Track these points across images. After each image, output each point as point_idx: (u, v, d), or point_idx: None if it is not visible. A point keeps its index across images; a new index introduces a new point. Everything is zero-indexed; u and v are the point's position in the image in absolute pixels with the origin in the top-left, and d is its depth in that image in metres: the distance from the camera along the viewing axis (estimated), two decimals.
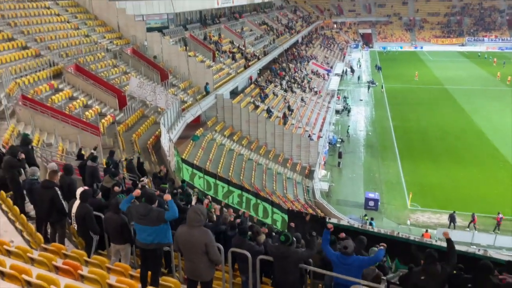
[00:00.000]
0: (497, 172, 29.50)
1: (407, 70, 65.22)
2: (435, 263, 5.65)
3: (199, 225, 5.10)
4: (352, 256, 5.96)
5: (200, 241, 5.05)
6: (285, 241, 5.84)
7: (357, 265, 5.93)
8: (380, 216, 24.68)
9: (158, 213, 5.55)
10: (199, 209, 5.19)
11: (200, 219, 5.10)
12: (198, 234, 5.07)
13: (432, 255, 5.70)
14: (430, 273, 5.58)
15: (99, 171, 10.11)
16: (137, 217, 5.62)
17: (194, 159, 23.03)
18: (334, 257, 6.07)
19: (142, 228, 5.58)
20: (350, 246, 5.98)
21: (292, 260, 5.78)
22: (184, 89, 28.71)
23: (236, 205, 13.74)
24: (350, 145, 36.47)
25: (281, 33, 58.68)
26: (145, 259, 5.77)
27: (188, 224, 5.13)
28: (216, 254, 5.16)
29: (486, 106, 45.51)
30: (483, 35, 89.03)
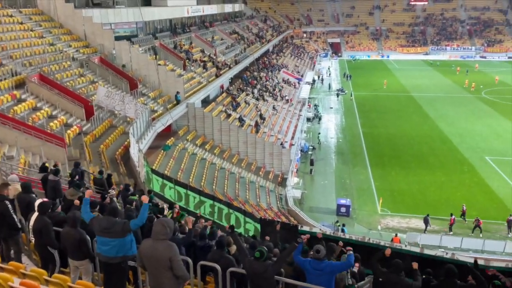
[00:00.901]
0: (462, 176, 30.55)
1: (375, 79, 66.95)
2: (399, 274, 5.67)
3: (164, 239, 4.88)
4: (324, 261, 5.93)
5: (164, 256, 4.83)
6: (260, 257, 5.69)
7: (330, 270, 5.89)
8: (351, 222, 24.98)
9: (123, 224, 5.34)
10: (166, 221, 4.98)
11: (166, 232, 4.89)
12: (162, 248, 4.85)
13: (398, 265, 5.71)
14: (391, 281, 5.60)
15: (61, 185, 9.70)
16: (99, 230, 5.38)
17: (165, 169, 22.64)
18: (306, 264, 6.02)
19: (105, 241, 5.34)
20: (322, 250, 5.95)
21: (268, 276, 5.65)
22: (154, 98, 28.29)
23: (208, 216, 13.54)
24: (322, 152, 36.91)
25: (251, 42, 59.07)
26: (109, 274, 5.50)
27: (153, 237, 4.91)
28: (181, 270, 4.93)
29: (450, 112, 47.24)
30: (446, 44, 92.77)
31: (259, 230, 12.26)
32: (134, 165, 18.08)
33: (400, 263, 5.70)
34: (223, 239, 7.12)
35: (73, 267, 6.11)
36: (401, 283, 5.54)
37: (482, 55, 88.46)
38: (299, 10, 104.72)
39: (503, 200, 26.73)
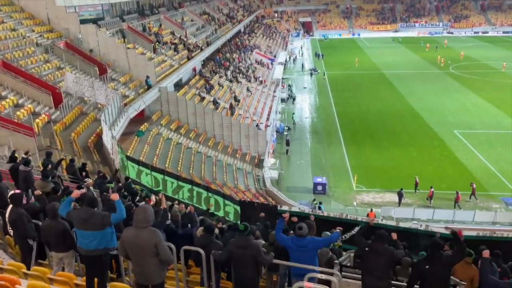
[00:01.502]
0: (432, 150, 31.54)
1: (347, 57, 67.48)
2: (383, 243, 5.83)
3: (147, 226, 4.82)
4: (306, 237, 6.03)
5: (149, 243, 4.79)
6: (244, 230, 5.75)
7: (312, 246, 6.01)
8: (328, 200, 25.49)
9: (103, 216, 5.21)
10: (147, 208, 4.91)
11: (148, 219, 4.82)
12: (146, 235, 4.80)
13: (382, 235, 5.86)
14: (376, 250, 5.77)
15: (33, 176, 9.39)
16: (78, 222, 5.24)
17: (140, 155, 22.28)
18: (288, 242, 6.11)
19: (85, 234, 5.21)
20: (305, 228, 6.05)
21: (252, 252, 5.69)
22: (125, 83, 27.57)
23: (187, 200, 13.49)
24: (297, 132, 37.21)
25: (223, 23, 58.14)
26: (90, 267, 5.40)
27: (135, 225, 4.84)
28: (167, 254, 4.94)
29: (420, 88, 48.35)
30: (414, 21, 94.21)
31: (239, 212, 12.34)
32: (108, 153, 17.72)
33: (384, 233, 5.85)
34: (210, 223, 7.12)
35: (57, 259, 5.97)
36: (386, 252, 5.71)
37: (449, 31, 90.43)
38: None
39: (471, 172, 27.84)
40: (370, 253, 5.76)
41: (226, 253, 5.90)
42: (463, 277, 6.25)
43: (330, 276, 5.11)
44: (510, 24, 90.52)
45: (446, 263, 5.62)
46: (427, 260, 5.66)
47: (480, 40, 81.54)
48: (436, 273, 5.57)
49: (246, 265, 5.72)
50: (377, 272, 5.70)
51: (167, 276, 6.52)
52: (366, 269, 5.85)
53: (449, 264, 5.62)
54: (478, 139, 33.00)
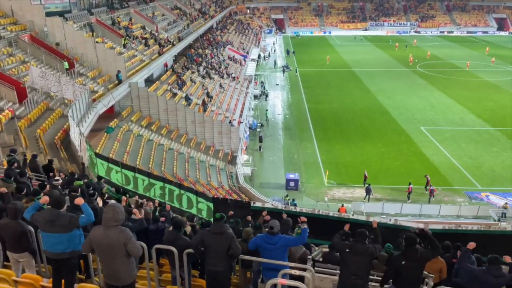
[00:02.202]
0: (400, 146, 32.45)
1: (318, 55, 68.25)
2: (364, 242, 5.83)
3: (116, 225, 4.69)
4: (277, 235, 6.05)
5: (118, 242, 4.66)
6: (220, 218, 5.75)
7: (283, 244, 6.02)
8: (300, 195, 25.78)
9: (70, 218, 5.00)
10: (117, 207, 4.77)
11: (118, 218, 4.69)
12: (115, 234, 4.66)
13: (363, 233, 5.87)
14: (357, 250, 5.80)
15: None
16: (43, 224, 5.02)
17: (110, 152, 21.79)
18: (259, 240, 6.12)
19: (51, 236, 5.00)
20: (276, 226, 6.05)
21: (226, 239, 5.66)
22: (93, 78, 26.81)
23: (158, 198, 13.27)
24: (270, 128, 37.38)
25: (195, 18, 57.49)
26: (58, 270, 5.20)
27: (104, 224, 4.70)
28: (137, 249, 4.81)
29: (388, 86, 49.56)
30: (383, 20, 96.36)
31: (212, 209, 12.28)
32: (76, 150, 17.20)
33: (365, 232, 5.85)
34: (179, 219, 7.02)
35: (12, 260, 5.72)
36: (367, 251, 5.73)
37: (417, 30, 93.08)
38: None
39: (437, 167, 28.85)
40: (351, 253, 5.78)
41: (199, 237, 5.83)
42: (431, 270, 6.45)
43: (303, 272, 5.15)
44: (473, 25, 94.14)
45: (421, 258, 5.75)
46: (403, 255, 5.77)
47: (445, 39, 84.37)
48: (412, 268, 5.70)
49: (219, 254, 5.67)
50: (358, 271, 5.74)
51: (138, 275, 6.42)
52: (346, 269, 5.85)
53: (424, 259, 5.77)
54: (443, 135, 34.21)
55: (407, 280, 5.77)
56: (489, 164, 29.16)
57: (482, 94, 45.39)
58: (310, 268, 5.46)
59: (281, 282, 4.36)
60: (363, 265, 5.76)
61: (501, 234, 11.92)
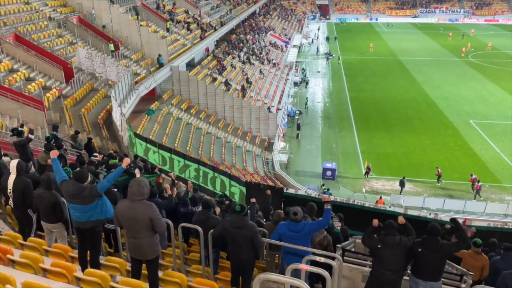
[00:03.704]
0: (446, 139, 30.92)
1: (363, 42, 66.10)
2: (395, 233, 5.56)
3: (141, 199, 4.73)
4: (301, 222, 5.85)
5: (144, 216, 4.71)
6: (240, 211, 5.60)
7: (307, 231, 5.83)
8: (337, 185, 25.27)
9: (90, 189, 5.08)
10: (142, 181, 4.80)
11: (143, 192, 4.72)
12: (141, 208, 4.72)
13: (391, 225, 5.61)
14: (389, 244, 5.53)
15: (28, 147, 9.37)
16: (68, 196, 5.13)
17: (150, 134, 22.28)
18: (283, 227, 5.93)
19: (75, 207, 5.11)
20: (300, 212, 5.85)
21: (247, 232, 5.55)
22: (136, 60, 27.43)
23: (193, 179, 13.41)
24: (308, 116, 36.79)
25: (238, 3, 57.25)
26: (83, 238, 5.32)
27: (130, 198, 4.74)
28: (162, 224, 4.86)
29: (436, 76, 47.21)
30: (435, 7, 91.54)
31: (245, 193, 12.24)
32: (117, 129, 17.72)
33: (392, 223, 5.59)
34: (209, 200, 6.99)
35: (46, 230, 5.92)
36: (399, 244, 5.47)
37: (470, 18, 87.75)
38: None
39: (485, 162, 27.25)
40: (383, 248, 5.53)
41: (220, 228, 5.78)
42: (473, 267, 6.06)
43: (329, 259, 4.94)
44: None
45: (441, 249, 5.45)
46: (421, 243, 5.50)
47: (501, 28, 78.93)
48: (428, 257, 5.43)
49: (241, 245, 5.59)
50: (393, 266, 5.51)
51: (165, 253, 6.46)
52: (380, 265, 5.60)
53: (444, 251, 5.45)
54: (493, 130, 32.20)
55: (422, 269, 5.50)
56: None
57: None
58: (338, 257, 5.24)
59: (302, 268, 4.17)
60: (398, 258, 5.49)
61: None
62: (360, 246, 8.24)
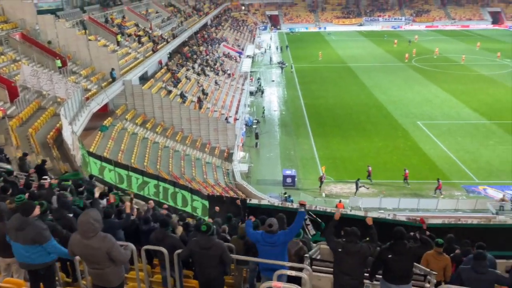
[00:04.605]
0: (397, 141, 32.32)
1: (314, 50, 67.97)
2: (356, 241, 5.64)
3: (95, 234, 4.43)
4: (277, 233, 5.83)
5: (100, 251, 4.43)
6: (206, 231, 5.46)
7: (282, 240, 5.80)
8: (297, 192, 25.59)
9: (36, 234, 4.51)
10: (91, 217, 4.45)
11: (95, 227, 4.42)
12: (96, 243, 4.42)
13: (354, 232, 5.68)
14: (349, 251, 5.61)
15: None
16: (10, 230, 4.63)
17: (104, 151, 21.51)
18: (258, 236, 5.89)
19: (19, 247, 4.60)
20: (275, 224, 5.81)
21: (215, 251, 5.45)
22: (86, 76, 26.45)
23: (152, 196, 13.05)
24: (266, 125, 37.15)
25: (189, 15, 57.07)
26: (33, 276, 4.89)
27: (82, 235, 4.44)
28: (122, 255, 4.60)
29: (384, 81, 49.41)
30: (378, 15, 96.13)
31: (207, 207, 12.07)
32: (69, 149, 16.93)
33: (356, 230, 5.66)
34: (167, 218, 6.80)
35: (4, 265, 5.43)
36: (360, 251, 5.54)
37: (411, 24, 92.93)
38: None
39: (434, 161, 28.74)
40: (343, 253, 5.59)
41: (187, 251, 5.63)
42: (436, 267, 6.27)
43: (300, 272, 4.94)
44: (468, 18, 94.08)
45: (409, 252, 5.59)
46: (390, 249, 5.62)
47: (440, 33, 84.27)
48: (399, 262, 5.55)
49: (210, 265, 5.48)
50: (351, 271, 5.57)
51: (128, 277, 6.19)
52: (340, 269, 5.67)
53: (412, 254, 5.61)
54: (439, 130, 34.10)
55: (395, 274, 5.63)
56: (486, 157, 29.09)
57: (477, 88, 45.33)
58: (307, 268, 5.26)
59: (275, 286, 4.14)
60: (357, 265, 5.57)
61: (502, 227, 11.79)
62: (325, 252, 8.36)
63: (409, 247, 5.56)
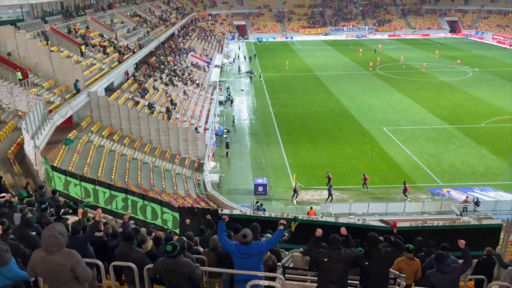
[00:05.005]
0: (364, 147, 33.11)
1: (281, 60, 68.89)
2: (340, 247, 5.69)
3: (60, 249, 4.24)
4: (251, 244, 5.80)
5: (65, 267, 4.24)
6: (171, 251, 5.27)
7: (257, 251, 5.78)
8: (269, 200, 25.65)
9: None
10: (56, 230, 4.27)
11: (60, 242, 4.23)
12: (60, 259, 4.23)
13: (336, 239, 5.73)
14: (335, 258, 5.65)
15: None
16: None
17: (69, 165, 20.78)
18: (233, 248, 5.83)
19: None
20: (250, 235, 5.77)
21: (183, 271, 5.30)
22: (49, 88, 25.59)
23: (121, 210, 12.71)
24: (236, 134, 37.16)
25: (155, 25, 56.55)
26: None
27: (45, 250, 4.23)
28: (86, 272, 4.41)
29: (350, 88, 50.66)
30: (343, 25, 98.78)
31: (178, 219, 11.87)
32: (31, 164, 16.27)
33: (337, 237, 5.69)
34: (132, 231, 6.62)
35: None
36: (345, 257, 5.58)
37: (375, 33, 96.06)
38: None
39: (400, 166, 29.60)
40: (330, 262, 5.62)
41: (154, 271, 5.47)
42: (408, 272, 6.42)
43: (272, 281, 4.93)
44: (427, 27, 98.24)
45: (385, 258, 5.69)
46: (366, 256, 5.70)
47: (402, 42, 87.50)
48: (376, 268, 5.62)
49: (179, 284, 5.34)
50: (337, 278, 5.60)
51: None
52: (326, 278, 5.68)
53: (387, 259, 5.71)
54: (404, 135, 35.23)
55: (372, 280, 5.71)
56: (449, 160, 30.26)
57: (439, 94, 47.25)
58: (279, 276, 5.25)
59: None
60: (342, 271, 5.64)
61: (466, 228, 12.25)
62: (298, 259, 8.39)
63: (384, 252, 5.67)
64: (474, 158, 30.48)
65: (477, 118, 38.85)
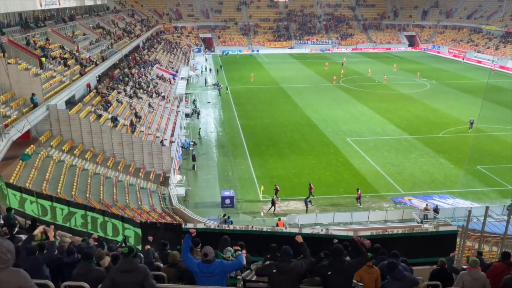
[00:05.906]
0: (329, 157, 33.73)
1: (247, 72, 69.53)
2: (290, 260, 5.72)
3: (5, 267, 4.07)
4: (214, 262, 5.75)
5: (10, 286, 4.05)
6: (128, 253, 5.25)
7: (220, 271, 5.75)
8: (236, 212, 25.54)
9: None
10: (4, 246, 4.10)
11: (7, 258, 4.06)
12: (6, 277, 4.04)
13: (287, 252, 5.76)
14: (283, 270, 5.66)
15: None
16: None
17: (26, 181, 19.93)
18: (195, 267, 5.76)
19: None
20: (211, 253, 5.73)
21: (137, 277, 5.19)
22: (5, 102, 24.53)
23: (80, 228, 12.26)
24: (203, 147, 36.94)
25: (119, 37, 55.69)
26: None
27: None
28: None
29: (315, 100, 51.70)
30: (307, 39, 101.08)
31: (140, 235, 11.58)
32: None
33: (288, 249, 5.72)
34: (91, 250, 6.41)
35: None
36: (293, 270, 5.60)
37: (338, 47, 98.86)
38: (168, 4, 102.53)
39: (364, 175, 30.34)
40: (278, 274, 5.63)
41: (108, 281, 5.32)
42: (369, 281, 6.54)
43: None
44: (387, 42, 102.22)
45: (348, 269, 5.79)
46: (330, 266, 5.76)
47: (364, 55, 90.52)
48: (339, 278, 5.71)
49: None
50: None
51: None
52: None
53: (350, 269, 5.81)
54: (367, 145, 36.22)
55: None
56: (409, 169, 31.34)
57: (399, 106, 49.05)
58: None
59: None
60: (292, 283, 5.66)
61: (424, 235, 12.67)
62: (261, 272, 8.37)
63: (347, 263, 5.77)
64: (433, 167, 31.73)
65: (435, 128, 40.57)
